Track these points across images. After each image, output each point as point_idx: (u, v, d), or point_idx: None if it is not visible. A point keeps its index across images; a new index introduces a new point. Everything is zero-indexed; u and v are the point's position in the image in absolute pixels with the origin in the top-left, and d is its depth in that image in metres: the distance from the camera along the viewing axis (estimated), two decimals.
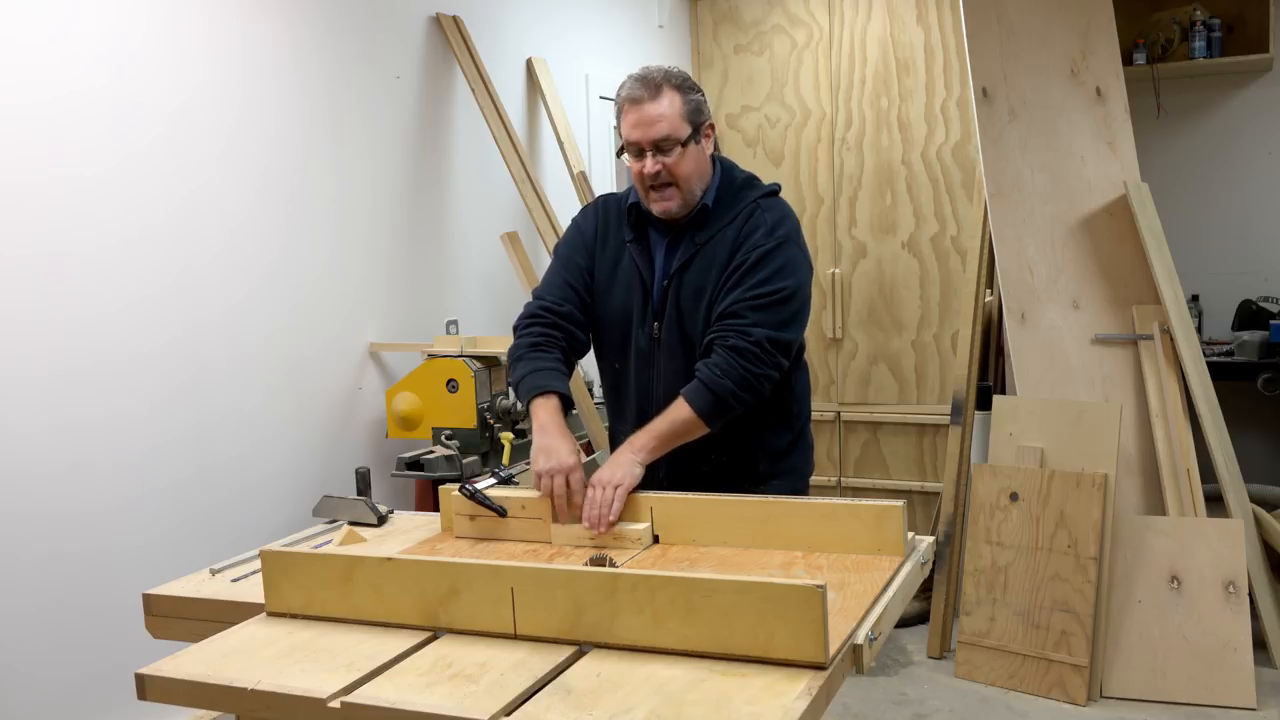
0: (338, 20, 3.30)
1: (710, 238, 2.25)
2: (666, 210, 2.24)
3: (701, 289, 2.23)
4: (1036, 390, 3.82)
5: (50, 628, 2.54)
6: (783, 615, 1.42)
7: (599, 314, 2.37)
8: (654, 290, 2.28)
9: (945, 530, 3.99)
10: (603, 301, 2.36)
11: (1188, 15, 4.64)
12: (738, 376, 2.13)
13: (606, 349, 2.39)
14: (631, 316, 2.31)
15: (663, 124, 2.18)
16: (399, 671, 1.51)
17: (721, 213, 2.27)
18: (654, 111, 2.18)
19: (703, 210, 2.27)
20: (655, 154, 2.20)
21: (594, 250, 2.38)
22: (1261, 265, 4.79)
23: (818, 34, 4.95)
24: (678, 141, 2.20)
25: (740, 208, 2.27)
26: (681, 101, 2.21)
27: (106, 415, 2.65)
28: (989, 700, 3.56)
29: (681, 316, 2.25)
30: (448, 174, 3.76)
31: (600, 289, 2.36)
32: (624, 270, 2.33)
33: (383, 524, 2.36)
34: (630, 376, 2.33)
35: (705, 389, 2.14)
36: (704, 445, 2.22)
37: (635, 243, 2.32)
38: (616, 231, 2.36)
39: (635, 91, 2.21)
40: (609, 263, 2.35)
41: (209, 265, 2.91)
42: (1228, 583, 3.49)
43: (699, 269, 2.24)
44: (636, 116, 2.20)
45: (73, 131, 2.58)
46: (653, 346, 2.29)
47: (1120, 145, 3.95)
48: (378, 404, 3.42)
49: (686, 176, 2.22)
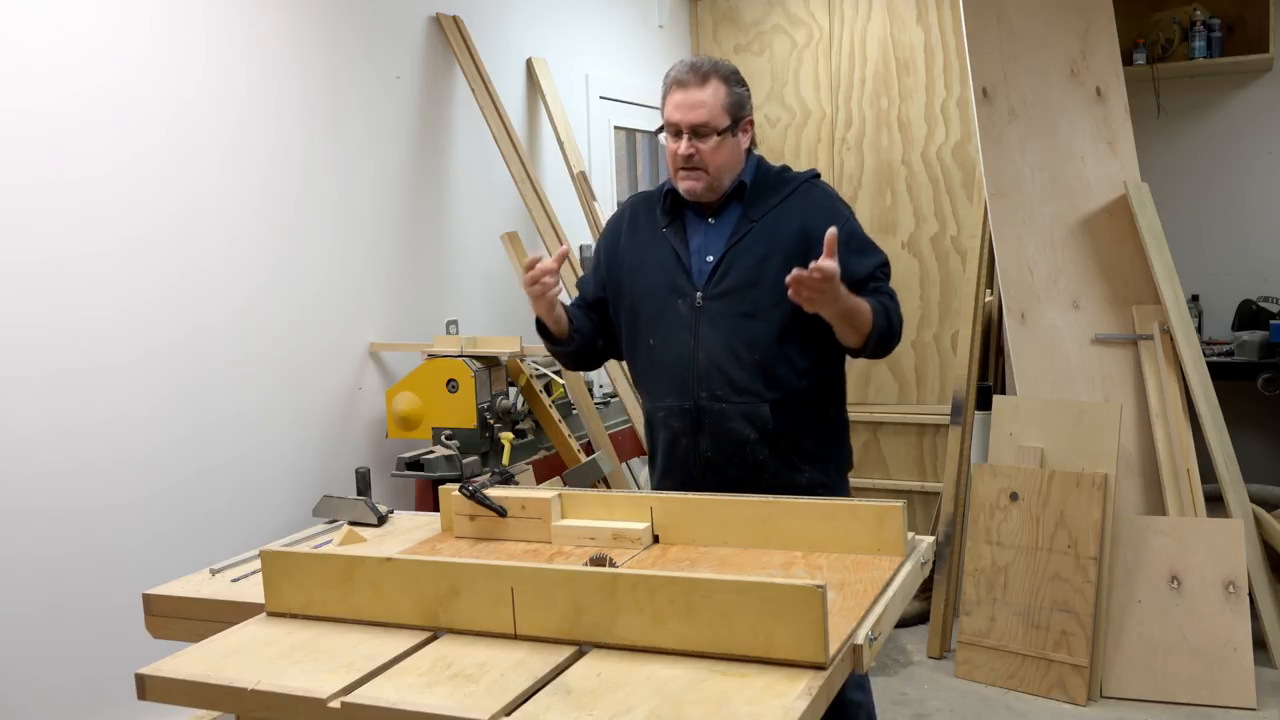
0: (338, 20, 3.30)
1: (767, 212, 2.35)
2: (691, 190, 2.33)
3: (765, 257, 2.31)
4: (1036, 390, 3.82)
5: (51, 628, 2.54)
6: (783, 615, 1.42)
7: (632, 294, 2.44)
8: (693, 266, 2.36)
9: (945, 530, 3.99)
10: (636, 282, 2.43)
11: (1188, 15, 4.64)
12: (900, 326, 2.32)
13: (641, 326, 2.43)
14: (667, 291, 2.37)
15: (703, 111, 2.28)
16: (399, 671, 1.51)
17: (770, 190, 2.37)
18: (698, 97, 2.28)
19: (740, 188, 2.37)
20: (691, 138, 2.29)
21: (619, 239, 2.49)
22: (1261, 265, 4.79)
23: (818, 34, 4.95)
24: (715, 130, 2.29)
25: (793, 186, 2.38)
26: (726, 93, 2.31)
27: (108, 417, 2.65)
28: (989, 700, 3.56)
29: (736, 287, 2.32)
30: (448, 174, 3.76)
31: (632, 271, 2.44)
32: (658, 252, 2.41)
33: (383, 524, 2.37)
34: (668, 349, 2.37)
35: (888, 316, 2.27)
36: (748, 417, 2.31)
37: (671, 227, 2.41)
38: (648, 220, 2.46)
39: (684, 75, 2.31)
40: (640, 248, 2.44)
41: (210, 266, 2.91)
42: (1228, 583, 3.49)
43: (759, 240, 2.33)
44: (681, 98, 2.29)
45: (74, 134, 2.58)
46: (695, 316, 2.33)
47: (1120, 145, 3.95)
48: (378, 404, 3.42)
49: (718, 165, 2.32)
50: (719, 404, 2.31)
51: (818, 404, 2.40)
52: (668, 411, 2.37)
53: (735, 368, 2.30)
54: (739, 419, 2.31)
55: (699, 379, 2.31)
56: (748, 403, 2.30)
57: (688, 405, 2.33)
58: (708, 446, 2.33)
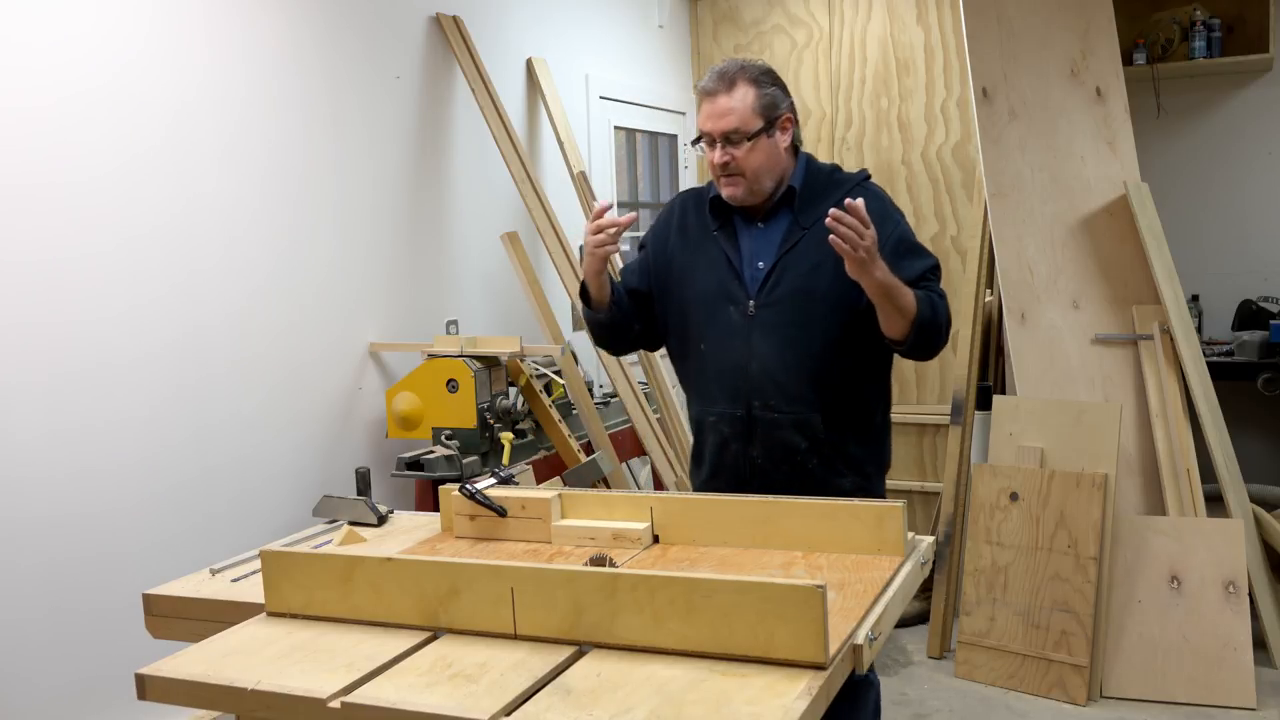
0: (338, 20, 3.30)
1: (818, 219, 2.30)
2: (733, 196, 2.33)
3: (819, 264, 2.29)
4: (1036, 390, 3.82)
5: (51, 628, 2.54)
6: (783, 615, 1.42)
7: (682, 297, 2.43)
8: (745, 272, 2.35)
9: (945, 530, 3.99)
10: (686, 285, 2.42)
11: (1188, 15, 4.64)
12: (948, 324, 2.32)
13: (691, 330, 2.42)
14: (719, 297, 2.36)
15: (731, 117, 2.27)
16: (399, 671, 1.51)
17: (820, 195, 2.35)
18: (725, 104, 2.28)
19: (790, 193, 2.36)
20: (724, 145, 2.29)
21: (669, 238, 2.48)
22: (1261, 265, 4.79)
23: (818, 34, 4.95)
24: (746, 135, 2.28)
25: (845, 189, 2.36)
26: (755, 95, 2.29)
27: (108, 417, 2.65)
28: (989, 700, 3.56)
29: (789, 294, 2.31)
30: (448, 174, 3.76)
31: (681, 274, 2.43)
32: (709, 256, 2.40)
33: (383, 524, 2.37)
34: (720, 356, 2.36)
35: (932, 309, 2.26)
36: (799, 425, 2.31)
37: (721, 231, 2.40)
38: (697, 221, 2.45)
39: (710, 84, 2.31)
40: (690, 250, 2.43)
41: (210, 267, 2.91)
42: (1228, 583, 3.49)
43: (811, 247, 2.31)
44: (709, 108, 2.30)
45: (74, 134, 2.58)
46: (748, 323, 2.33)
47: (1120, 145, 3.95)
48: (378, 404, 3.42)
49: (754, 169, 2.31)
50: (771, 413, 2.31)
51: (866, 411, 2.41)
52: (718, 417, 2.36)
53: (788, 377, 2.30)
54: (790, 428, 2.31)
55: (752, 387, 2.30)
56: (799, 412, 2.30)
57: (739, 413, 2.33)
58: (759, 454, 2.34)
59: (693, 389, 2.47)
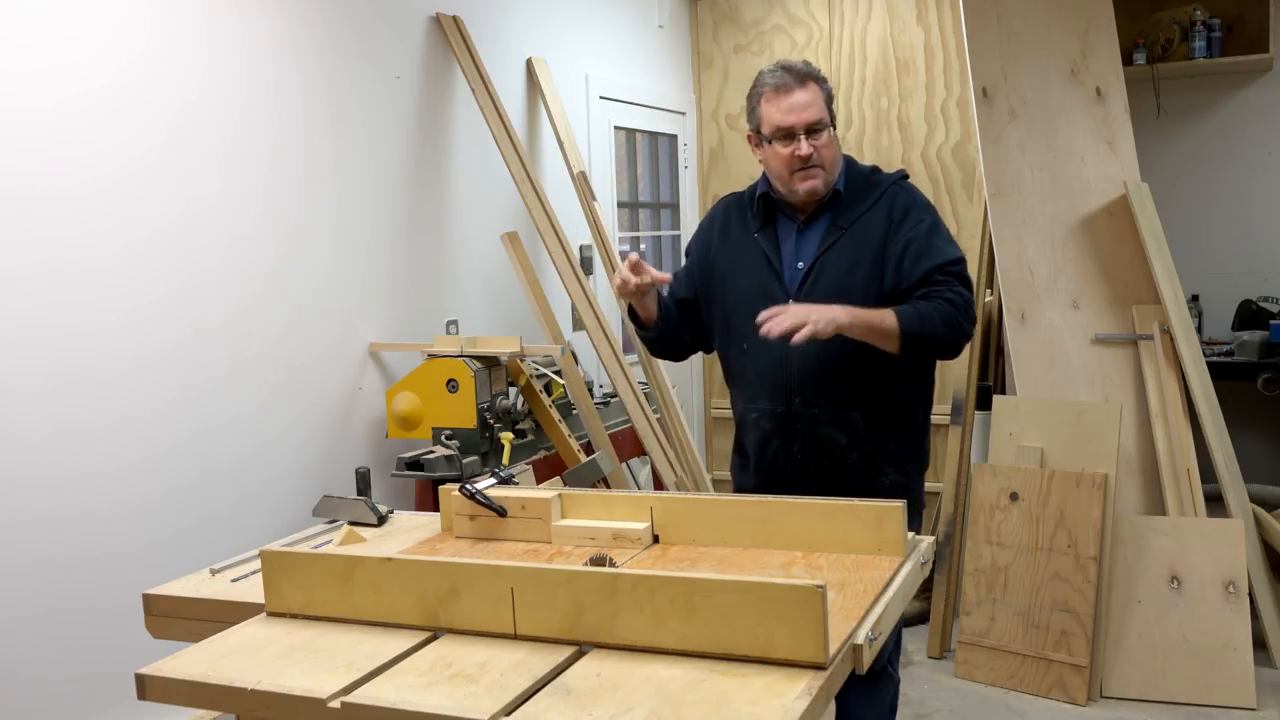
0: (338, 20, 3.30)
1: (855, 219, 2.38)
2: (814, 189, 2.37)
3: (855, 264, 2.35)
4: (1036, 390, 3.82)
5: (52, 628, 2.54)
6: (783, 615, 1.42)
7: (725, 299, 2.48)
8: (785, 272, 2.40)
9: (945, 530, 3.99)
10: (729, 286, 2.47)
11: (1188, 15, 4.64)
12: (950, 327, 2.29)
13: (734, 330, 2.46)
14: (760, 297, 2.39)
15: (813, 110, 2.34)
16: (399, 671, 1.51)
17: (859, 197, 2.41)
18: (804, 98, 2.35)
19: (834, 195, 2.41)
20: (807, 137, 2.33)
21: (711, 243, 2.53)
22: (1261, 265, 4.79)
23: (818, 34, 4.95)
24: (826, 126, 2.35)
25: (881, 190, 2.42)
26: (821, 92, 2.38)
27: (108, 418, 2.65)
28: (989, 700, 3.56)
29: (826, 294, 2.34)
30: (448, 174, 3.76)
31: (724, 276, 2.48)
32: (750, 257, 2.45)
33: (383, 524, 2.37)
34: (761, 355, 2.39)
35: (919, 319, 2.25)
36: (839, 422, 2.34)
37: (762, 232, 2.45)
38: (739, 223, 2.51)
39: (784, 80, 2.36)
40: (732, 252, 2.49)
41: (210, 268, 2.91)
42: (1228, 583, 3.49)
43: (848, 247, 2.36)
44: (789, 103, 2.34)
45: (74, 135, 2.58)
46: None
47: (1120, 145, 3.96)
48: (378, 404, 3.42)
49: (833, 160, 2.39)
50: (811, 409, 2.35)
51: (908, 409, 2.44)
52: (760, 414, 2.41)
53: (828, 375, 2.34)
54: (831, 425, 2.35)
55: (793, 385, 2.35)
56: (840, 409, 2.34)
57: (780, 410, 2.37)
58: (799, 450, 2.38)
59: (736, 387, 2.52)
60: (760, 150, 2.43)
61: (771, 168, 2.41)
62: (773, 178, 2.43)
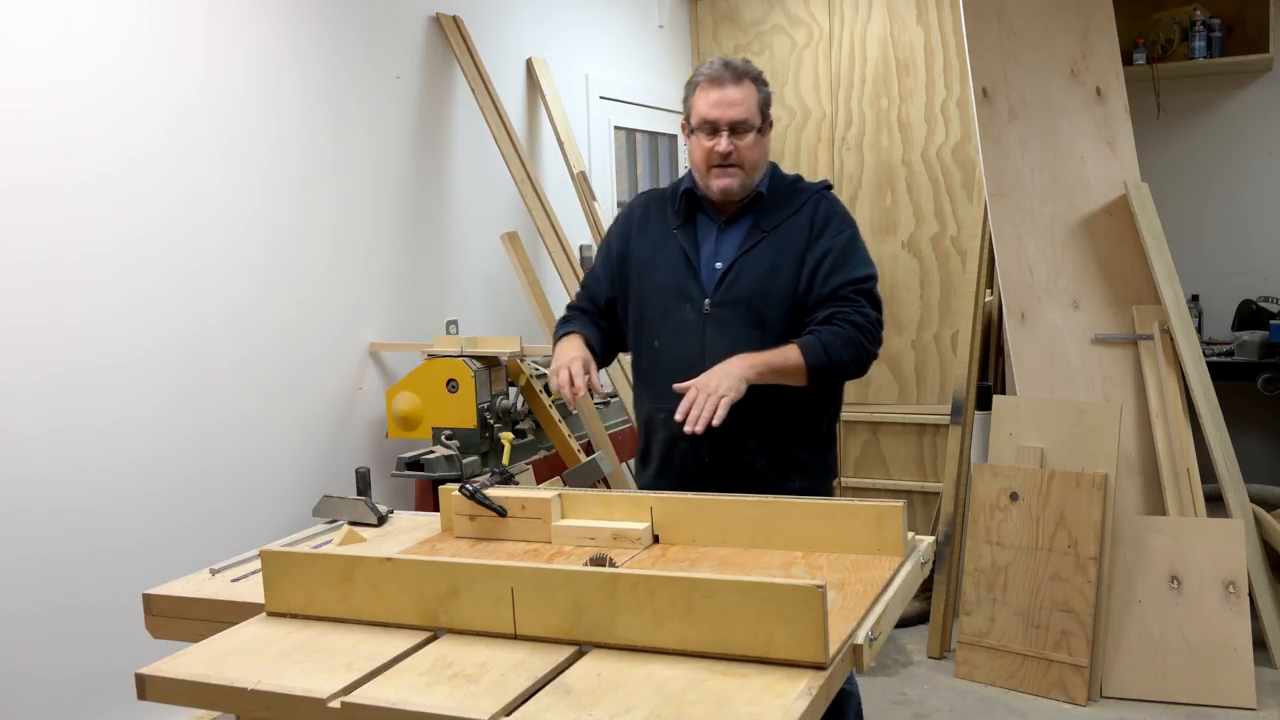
0: (338, 20, 3.30)
1: (776, 225, 2.36)
2: (727, 188, 2.34)
3: (774, 268, 2.33)
4: (1036, 390, 3.82)
5: (51, 628, 2.54)
6: (783, 615, 1.42)
7: (639, 293, 2.44)
8: (702, 271, 2.37)
9: (945, 530, 3.99)
10: (643, 280, 2.44)
11: (1188, 15, 4.64)
12: (855, 350, 2.25)
13: (646, 326, 2.44)
14: (676, 295, 2.37)
15: (741, 108, 2.32)
16: (399, 671, 1.51)
17: (783, 202, 2.39)
18: (735, 95, 2.32)
19: (757, 198, 2.38)
20: (730, 134, 2.31)
21: (630, 236, 2.49)
22: (1261, 265, 4.79)
23: (818, 34, 4.95)
24: (753, 128, 2.33)
25: (805, 197, 2.40)
26: (757, 92, 2.36)
27: (108, 417, 2.65)
28: (989, 700, 3.56)
29: (743, 296, 2.32)
30: (448, 174, 3.76)
31: (640, 270, 2.45)
32: (668, 252, 2.41)
33: (383, 524, 2.36)
34: (672, 353, 2.37)
35: (823, 349, 2.22)
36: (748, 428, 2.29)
37: (682, 228, 2.42)
38: (659, 219, 2.47)
39: (719, 73, 2.34)
40: (649, 247, 2.45)
41: (210, 266, 2.91)
42: (1228, 583, 3.49)
43: (769, 251, 2.34)
44: (718, 96, 2.32)
45: (74, 134, 2.58)
46: (703, 322, 2.34)
47: (1120, 145, 3.95)
48: (378, 404, 3.42)
49: (753, 163, 2.35)
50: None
51: (814, 416, 2.40)
52: (669, 414, 2.29)
53: None
54: (739, 428, 2.27)
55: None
56: (749, 412, 2.27)
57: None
58: (708, 452, 2.33)
59: (644, 385, 2.47)
60: (688, 141, 2.41)
61: (693, 159, 2.39)
62: (694, 170, 2.40)
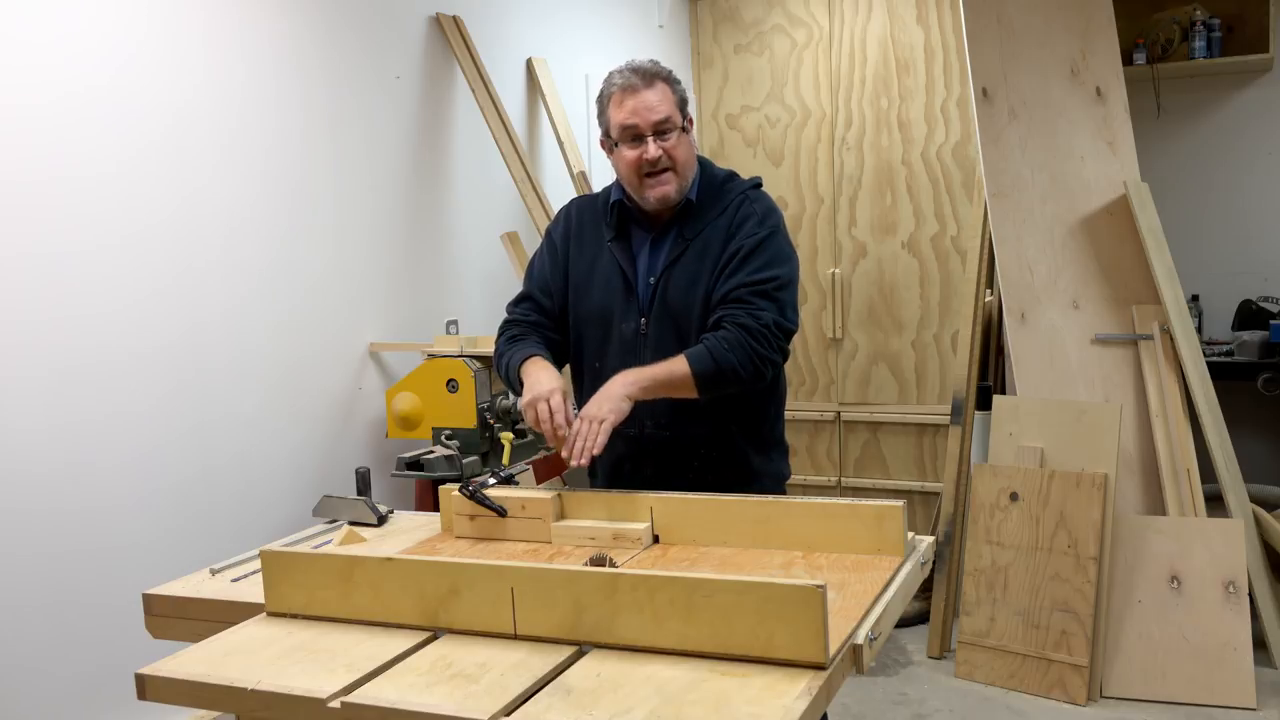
0: (338, 20, 3.30)
1: (699, 232, 2.27)
2: (665, 195, 2.24)
3: (696, 280, 2.25)
4: (1036, 390, 3.82)
5: (50, 627, 2.54)
6: (783, 615, 1.42)
7: (578, 311, 2.36)
8: (639, 287, 2.29)
9: (945, 530, 3.99)
10: (581, 299, 2.36)
11: (1188, 15, 4.64)
12: (744, 354, 2.15)
13: (586, 346, 2.37)
14: (613, 313, 2.31)
15: (662, 108, 2.22)
16: (399, 671, 1.51)
17: (707, 207, 2.30)
18: (653, 98, 2.22)
19: (687, 206, 2.29)
20: (656, 138, 2.22)
21: (566, 253, 2.39)
22: (1261, 265, 4.79)
23: (818, 34, 4.95)
24: (676, 126, 2.24)
25: (728, 200, 2.30)
26: (672, 92, 2.26)
27: (107, 415, 2.65)
28: (989, 700, 3.56)
29: (673, 311, 2.26)
30: (448, 174, 3.76)
31: (577, 288, 2.36)
32: (603, 268, 2.33)
33: (383, 524, 2.36)
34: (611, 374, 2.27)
35: (710, 356, 2.14)
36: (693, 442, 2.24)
37: (616, 241, 2.33)
38: (593, 231, 2.37)
39: (630, 80, 2.24)
40: (586, 262, 2.36)
41: (209, 265, 2.91)
42: (1228, 583, 3.49)
43: (691, 261, 2.26)
44: (635, 103, 2.22)
45: (73, 132, 2.58)
46: (639, 341, 2.28)
47: (1120, 145, 3.96)
48: (378, 404, 3.42)
49: (684, 162, 2.26)
50: (664, 431, 2.26)
51: (755, 423, 2.33)
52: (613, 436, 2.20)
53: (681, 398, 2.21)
54: (683, 445, 2.25)
55: (644, 406, 2.19)
56: (691, 429, 2.24)
57: (632, 433, 2.25)
58: (653, 472, 2.28)
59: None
60: (611, 156, 2.31)
61: (621, 173, 2.29)
62: (625, 184, 2.30)
